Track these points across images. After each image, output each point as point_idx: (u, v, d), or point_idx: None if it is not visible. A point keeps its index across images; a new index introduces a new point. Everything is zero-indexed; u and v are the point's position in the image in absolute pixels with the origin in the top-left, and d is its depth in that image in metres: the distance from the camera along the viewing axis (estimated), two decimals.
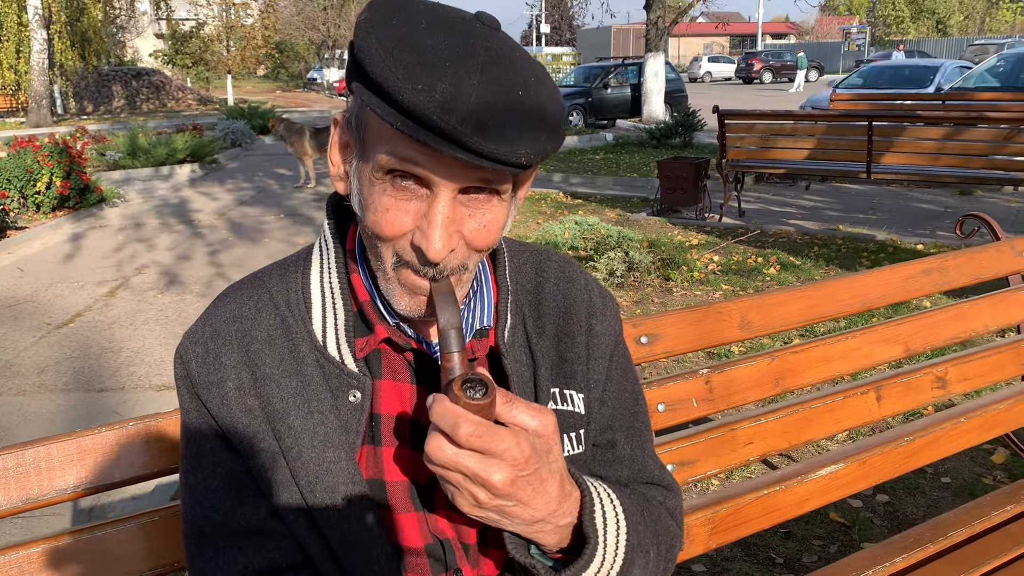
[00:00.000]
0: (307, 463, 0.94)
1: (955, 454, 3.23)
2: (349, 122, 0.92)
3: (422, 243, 0.86)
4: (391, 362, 1.00)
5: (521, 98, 0.82)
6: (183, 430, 1.01)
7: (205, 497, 0.97)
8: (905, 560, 1.71)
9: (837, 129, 7.72)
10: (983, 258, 2.14)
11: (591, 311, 1.09)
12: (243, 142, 16.73)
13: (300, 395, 0.96)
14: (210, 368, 0.97)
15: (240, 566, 0.95)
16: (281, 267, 1.05)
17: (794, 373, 1.77)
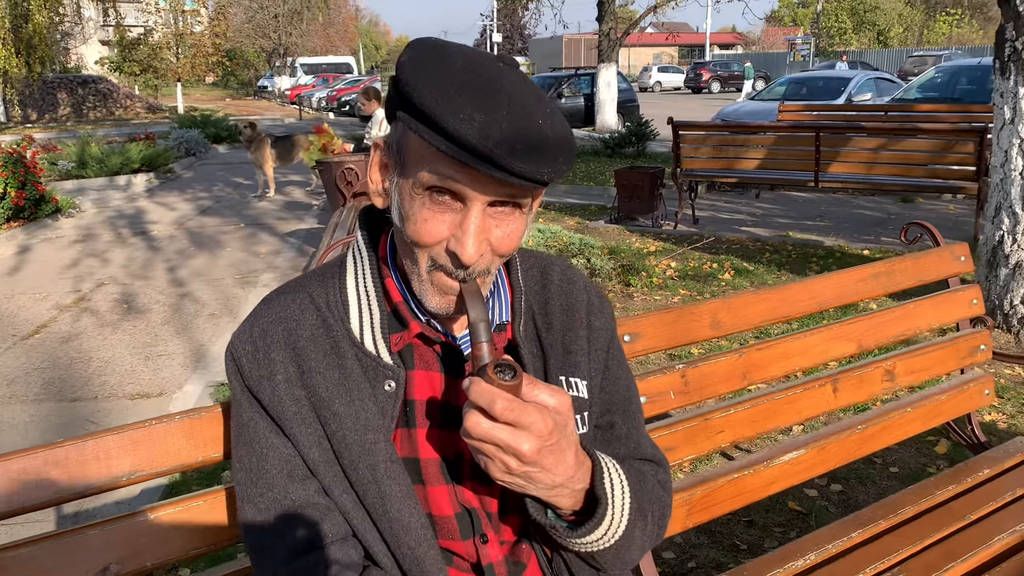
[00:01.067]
0: (350, 445, 1.08)
1: (902, 445, 3.47)
2: (390, 145, 1.07)
3: (457, 249, 1.01)
4: (423, 354, 1.14)
5: (541, 127, 0.98)
6: (235, 420, 1.14)
7: (260, 477, 1.10)
8: (860, 535, 1.90)
9: (786, 140, 8.02)
10: (926, 263, 2.35)
11: (590, 309, 1.26)
12: (197, 151, 16.62)
13: (342, 385, 1.10)
14: (260, 364, 1.11)
15: (292, 537, 1.08)
16: (319, 274, 1.19)
17: (759, 368, 1.95)
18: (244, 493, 1.11)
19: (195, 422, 1.29)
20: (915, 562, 1.77)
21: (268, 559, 1.08)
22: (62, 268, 7.53)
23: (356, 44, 64.34)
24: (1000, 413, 3.82)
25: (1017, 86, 4.57)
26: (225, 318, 5.86)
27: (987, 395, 2.39)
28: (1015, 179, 4.63)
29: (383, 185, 1.11)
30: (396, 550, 1.09)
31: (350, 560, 1.10)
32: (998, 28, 4.71)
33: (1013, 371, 4.29)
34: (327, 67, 43.89)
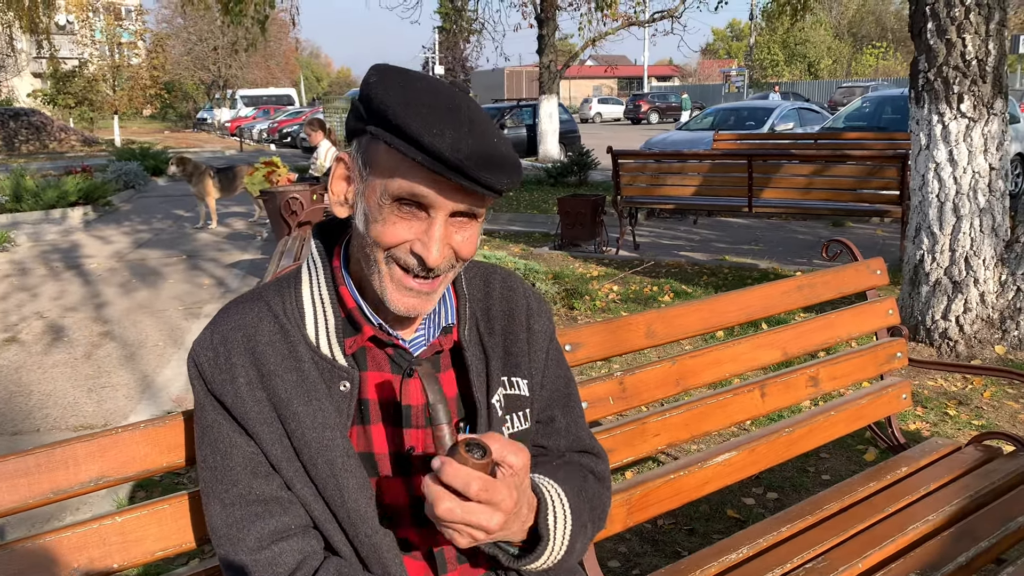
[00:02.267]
0: (309, 442, 1.17)
1: (833, 455, 3.64)
2: (355, 158, 1.18)
3: (423, 252, 1.13)
4: (375, 356, 1.24)
5: (497, 144, 1.11)
6: (200, 422, 1.22)
7: (224, 475, 1.18)
8: (789, 529, 2.03)
9: (720, 167, 8.30)
10: (845, 276, 2.52)
11: (530, 313, 1.37)
12: (137, 184, 16.39)
13: (300, 387, 1.18)
14: (222, 368, 1.19)
15: (257, 529, 1.16)
16: (275, 284, 1.28)
17: (692, 374, 2.08)
18: (210, 490, 1.19)
19: (159, 430, 1.35)
20: (838, 551, 1.90)
21: (235, 551, 1.16)
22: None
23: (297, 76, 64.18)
24: (924, 422, 4.03)
25: (931, 114, 4.86)
26: (170, 348, 5.83)
27: (904, 399, 2.56)
28: (932, 201, 4.91)
29: (345, 196, 1.21)
30: (354, 539, 1.18)
31: (312, 549, 1.18)
32: (912, 60, 5.02)
33: (936, 383, 4.52)
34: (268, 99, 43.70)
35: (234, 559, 1.16)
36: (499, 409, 1.28)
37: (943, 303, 4.92)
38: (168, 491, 3.45)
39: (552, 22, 18.20)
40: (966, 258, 4.84)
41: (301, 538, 1.18)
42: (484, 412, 1.26)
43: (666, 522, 3.18)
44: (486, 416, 1.26)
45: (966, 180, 4.80)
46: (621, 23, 19.87)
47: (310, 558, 1.17)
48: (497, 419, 1.27)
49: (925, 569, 1.79)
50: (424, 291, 1.17)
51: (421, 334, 1.27)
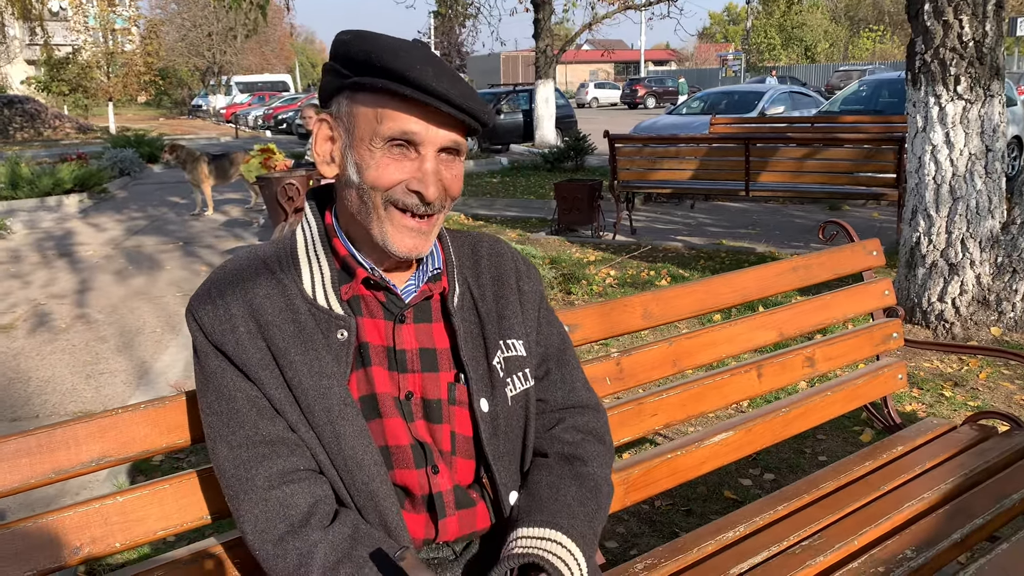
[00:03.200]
0: (307, 389, 1.20)
1: (829, 435, 3.66)
2: (337, 117, 1.24)
3: (420, 187, 1.20)
4: (367, 303, 1.28)
5: (468, 84, 1.20)
6: (201, 372, 1.24)
7: (231, 418, 1.20)
8: (785, 508, 2.04)
9: (718, 151, 8.29)
10: (841, 257, 2.53)
11: (519, 275, 1.42)
12: (132, 171, 16.33)
13: (297, 337, 1.21)
14: (221, 319, 1.22)
15: (265, 469, 1.18)
16: (271, 244, 1.33)
17: (688, 355, 2.09)
18: (216, 434, 1.21)
19: (159, 410, 1.36)
20: (834, 528, 1.91)
21: (246, 492, 1.17)
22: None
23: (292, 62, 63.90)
24: (920, 403, 4.05)
25: (928, 96, 4.86)
26: (168, 335, 5.83)
27: (900, 379, 2.58)
28: (929, 184, 4.91)
29: (331, 155, 1.27)
30: (351, 486, 1.20)
31: (324, 493, 1.20)
32: (909, 42, 5.01)
33: (932, 364, 4.54)
34: (263, 85, 43.49)
35: (244, 499, 1.17)
36: (500, 371, 1.31)
37: (939, 285, 4.94)
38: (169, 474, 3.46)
39: (548, 6, 18.11)
40: (962, 240, 4.86)
41: (312, 482, 1.20)
42: (484, 374, 1.30)
43: (663, 503, 3.20)
44: (487, 378, 1.29)
45: (962, 162, 4.80)
46: (618, 7, 19.79)
47: (322, 502, 1.19)
48: (499, 380, 1.30)
49: (920, 546, 1.81)
50: (423, 230, 1.23)
51: (411, 283, 1.31)
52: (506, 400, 1.31)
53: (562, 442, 1.38)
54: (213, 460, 1.22)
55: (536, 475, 1.34)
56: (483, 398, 1.29)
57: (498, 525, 1.32)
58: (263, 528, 1.16)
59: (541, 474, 1.34)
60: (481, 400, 1.28)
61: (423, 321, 1.30)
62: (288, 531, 1.16)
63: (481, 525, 1.31)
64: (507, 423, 1.31)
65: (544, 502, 1.27)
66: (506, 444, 1.31)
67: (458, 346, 1.29)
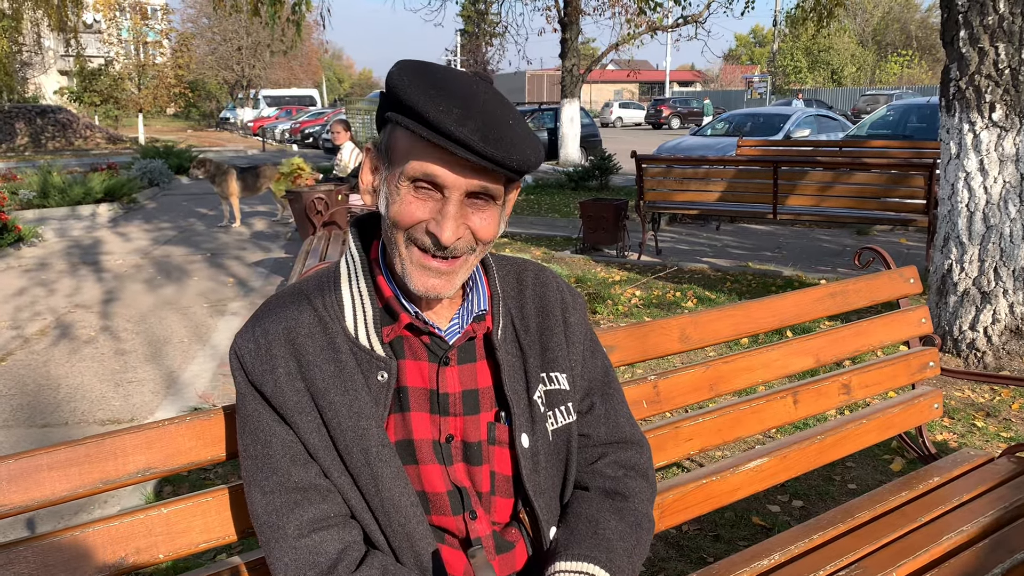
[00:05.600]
0: (345, 431, 1.19)
1: (859, 464, 3.61)
2: (379, 148, 1.22)
3: (437, 230, 1.16)
4: (412, 345, 1.27)
5: (511, 124, 1.15)
6: (240, 412, 1.24)
7: (265, 463, 1.20)
8: (820, 537, 2.02)
9: (745, 173, 8.27)
10: (878, 284, 2.51)
11: (564, 307, 1.39)
12: (161, 181, 16.54)
13: (338, 377, 1.21)
14: (262, 359, 1.22)
15: (297, 517, 1.18)
16: (315, 278, 1.31)
17: (725, 380, 2.08)
18: (251, 478, 1.21)
19: (204, 423, 1.37)
20: (870, 560, 1.89)
21: (277, 539, 1.18)
22: (26, 297, 7.48)
23: (319, 77, 64.56)
24: (951, 433, 4.00)
25: (962, 123, 4.83)
26: (195, 345, 5.88)
27: (936, 409, 2.55)
28: (961, 211, 4.87)
29: (373, 184, 1.25)
30: (387, 528, 1.19)
31: (353, 539, 1.20)
32: (943, 68, 4.98)
33: (963, 394, 4.49)
34: (290, 99, 43.95)
35: (275, 547, 1.18)
36: (541, 406, 1.29)
37: (971, 313, 4.88)
38: (196, 487, 3.48)
39: (575, 26, 18.21)
40: (995, 269, 4.80)
41: (342, 528, 1.19)
42: (525, 408, 1.28)
43: (691, 528, 3.17)
44: (528, 412, 1.28)
45: (996, 190, 4.76)
46: (645, 28, 19.85)
47: (351, 548, 1.19)
48: (540, 415, 1.29)
49: None
50: (443, 271, 1.20)
51: (456, 323, 1.29)
52: (547, 435, 1.30)
53: (604, 477, 1.37)
54: (248, 502, 1.22)
55: (576, 508, 1.33)
56: (524, 433, 1.27)
57: (536, 559, 1.31)
58: (293, 574, 1.17)
59: (581, 507, 1.32)
60: (522, 436, 1.27)
61: (467, 362, 1.28)
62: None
63: (520, 564, 1.30)
64: (548, 459, 1.30)
65: (583, 536, 1.26)
66: (547, 479, 1.30)
67: (502, 381, 1.28)
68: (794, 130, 13.87)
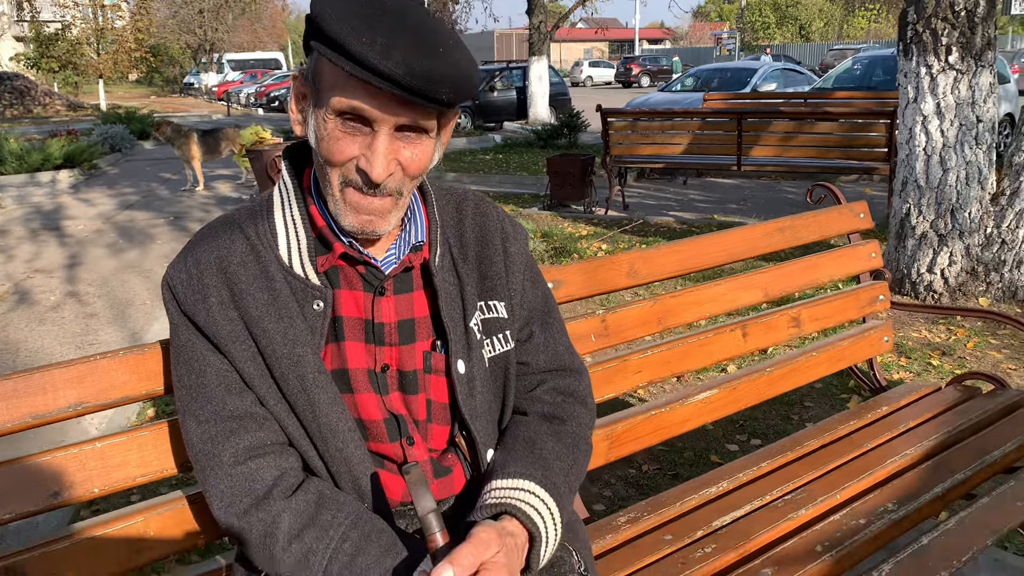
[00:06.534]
0: (280, 358, 1.18)
1: (816, 402, 3.67)
2: (306, 75, 1.18)
3: (366, 167, 1.12)
4: (347, 275, 1.25)
5: (443, 53, 1.09)
6: (174, 344, 1.23)
7: (200, 393, 1.19)
8: (769, 465, 2.05)
9: (710, 125, 8.27)
10: (828, 219, 2.53)
11: (505, 237, 1.38)
12: (123, 147, 16.22)
13: (272, 305, 1.19)
14: (195, 289, 1.20)
15: (232, 445, 1.17)
16: (248, 208, 1.29)
17: (673, 314, 2.09)
18: (186, 408, 1.20)
19: (139, 357, 1.35)
20: (817, 484, 1.93)
21: (212, 467, 1.17)
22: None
23: (284, 40, 63.36)
24: (907, 372, 4.07)
25: (919, 67, 4.84)
26: (159, 307, 5.81)
27: (887, 341, 2.58)
28: (919, 154, 4.91)
29: (300, 115, 1.21)
30: (325, 453, 1.19)
31: (290, 466, 1.19)
32: (901, 12, 4.99)
33: (920, 334, 4.56)
34: (255, 63, 43.13)
35: (211, 475, 1.17)
36: (477, 333, 1.29)
37: (928, 256, 4.95)
38: None
39: None
40: (952, 211, 4.86)
41: (279, 455, 1.19)
42: (461, 335, 1.28)
43: (651, 467, 3.21)
44: (464, 339, 1.27)
45: (952, 132, 4.80)
46: None
47: (288, 474, 1.18)
48: (476, 342, 1.28)
49: (901, 499, 1.82)
50: (375, 208, 1.17)
51: (392, 253, 1.27)
52: (483, 362, 1.30)
53: (542, 402, 1.37)
54: (183, 432, 1.21)
55: (513, 431, 1.33)
56: (460, 359, 1.27)
57: (475, 482, 1.31)
58: (228, 503, 1.16)
59: (519, 430, 1.33)
60: (458, 362, 1.26)
61: (403, 292, 1.27)
62: (252, 504, 1.16)
63: (458, 486, 1.30)
64: (484, 384, 1.30)
65: (519, 456, 1.27)
66: (483, 404, 1.30)
67: (439, 308, 1.27)
68: (760, 84, 13.85)
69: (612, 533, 1.77)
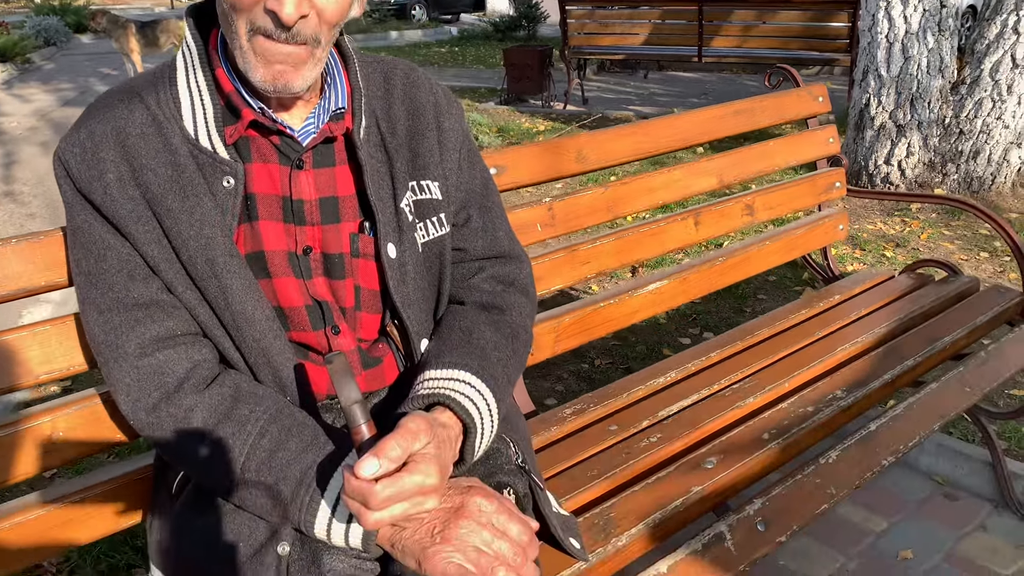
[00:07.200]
0: (187, 240, 1.07)
1: (772, 296, 3.65)
2: None
3: (275, 6, 0.98)
4: (259, 147, 1.12)
5: None
6: (70, 225, 1.11)
7: (100, 279, 1.08)
8: (719, 355, 2.01)
9: (671, 14, 8.02)
10: (786, 102, 2.43)
11: (438, 110, 1.25)
12: (58, 41, 15.42)
13: (175, 182, 1.07)
14: (89, 164, 1.07)
15: (138, 335, 1.07)
16: (150, 74, 1.15)
17: (624, 201, 2.00)
18: (85, 296, 1.10)
19: (35, 244, 1.23)
20: (766, 372, 1.89)
21: (116, 360, 1.08)
22: None
23: None
24: (861, 264, 4.07)
25: None
26: None
27: (841, 230, 2.53)
28: (881, 42, 4.79)
29: None
30: (241, 344, 1.10)
31: (203, 357, 1.10)
32: None
33: (875, 226, 4.55)
34: None
35: (115, 367, 1.08)
36: (409, 215, 1.19)
37: (887, 147, 4.89)
38: None
39: None
40: (911, 101, 4.78)
41: (190, 346, 1.09)
42: (392, 217, 1.17)
43: (603, 362, 3.19)
44: (395, 221, 1.17)
45: (916, 19, 4.67)
46: None
47: (200, 366, 1.09)
48: (408, 224, 1.18)
49: (850, 386, 1.79)
50: (290, 56, 1.03)
51: (311, 122, 1.14)
52: (416, 246, 1.19)
53: (480, 291, 1.28)
54: (84, 324, 1.11)
55: (449, 320, 1.25)
56: (390, 243, 1.17)
57: (408, 373, 1.23)
58: (136, 397, 1.08)
59: (455, 319, 1.24)
60: (388, 246, 1.16)
61: (325, 166, 1.15)
62: (162, 398, 1.07)
63: (390, 378, 1.23)
64: (417, 271, 1.20)
65: (454, 345, 1.19)
66: (416, 291, 1.21)
67: (365, 185, 1.15)
68: None
69: (557, 425, 1.73)
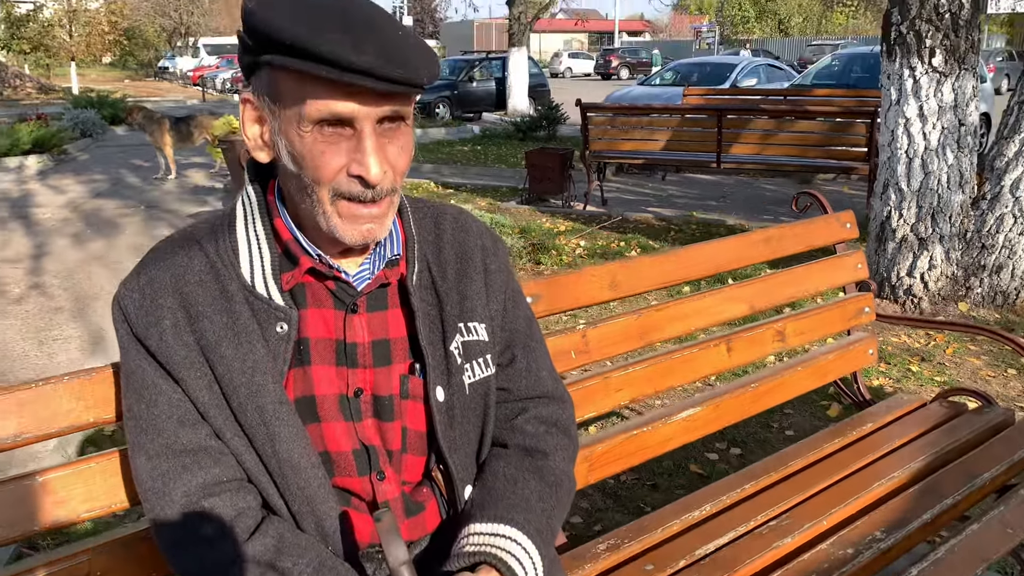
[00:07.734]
0: (238, 387, 1.08)
1: (797, 410, 3.62)
2: (260, 96, 1.08)
3: (361, 171, 1.04)
4: (315, 292, 1.15)
5: (401, 36, 1.03)
6: (124, 368, 1.13)
7: (149, 424, 1.09)
8: (753, 486, 1.98)
9: (690, 121, 8.21)
10: (814, 229, 2.46)
11: (485, 253, 1.29)
12: (94, 132, 15.90)
13: (230, 329, 1.10)
14: (147, 310, 1.10)
15: (185, 483, 1.08)
16: (208, 222, 1.19)
17: (657, 328, 2.01)
18: (135, 441, 1.11)
19: (86, 382, 1.25)
20: (802, 508, 1.86)
21: (162, 507, 1.08)
22: None
23: None
24: (887, 378, 4.04)
25: (902, 68, 4.80)
26: None
27: (871, 355, 2.53)
28: (901, 157, 4.87)
29: (263, 138, 1.11)
30: (286, 491, 1.10)
31: (247, 505, 1.10)
32: (885, 13, 4.94)
33: (899, 339, 4.53)
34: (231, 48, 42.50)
35: (160, 515, 1.08)
36: (458, 357, 1.20)
37: (908, 260, 4.92)
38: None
39: None
40: (932, 215, 4.83)
41: (235, 493, 1.10)
42: (441, 359, 1.19)
43: (629, 477, 3.15)
44: (444, 364, 1.19)
45: (935, 136, 4.76)
46: None
47: (244, 514, 1.09)
48: (456, 367, 1.20)
49: (890, 527, 1.76)
50: (375, 215, 1.08)
51: (366, 267, 1.18)
52: (463, 388, 1.21)
53: (524, 433, 1.28)
54: (132, 468, 1.12)
55: (493, 466, 1.25)
56: (439, 386, 1.18)
57: (450, 521, 1.23)
58: (180, 547, 1.08)
59: (499, 465, 1.24)
60: (437, 389, 1.18)
61: (378, 309, 1.18)
62: (206, 549, 1.07)
63: (431, 525, 1.22)
64: (463, 413, 1.21)
65: (499, 496, 1.19)
66: (462, 435, 1.22)
67: (416, 330, 1.18)
68: (741, 79, 13.79)
69: (592, 561, 1.70)
